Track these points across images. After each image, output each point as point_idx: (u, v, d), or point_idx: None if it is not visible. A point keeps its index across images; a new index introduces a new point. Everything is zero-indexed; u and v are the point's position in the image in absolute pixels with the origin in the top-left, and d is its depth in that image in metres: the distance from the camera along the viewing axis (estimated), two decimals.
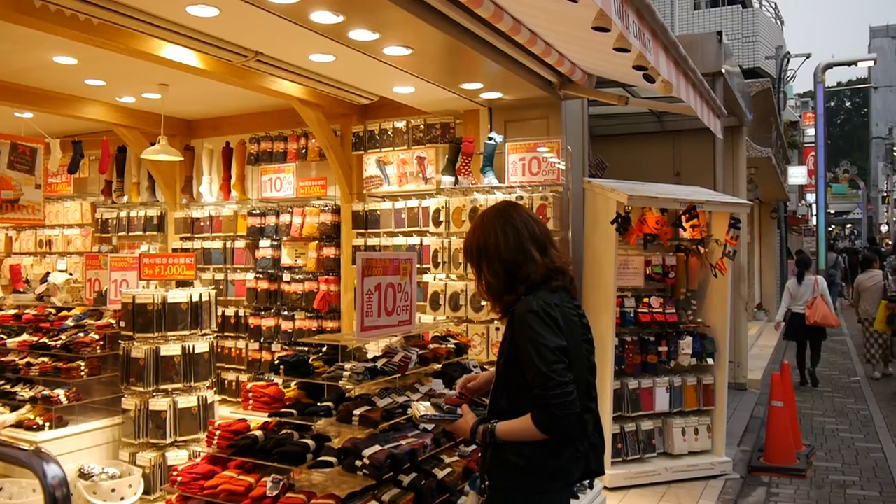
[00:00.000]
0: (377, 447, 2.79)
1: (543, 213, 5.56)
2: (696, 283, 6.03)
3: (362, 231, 6.74)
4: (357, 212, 6.76)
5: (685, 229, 5.73)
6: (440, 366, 3.51)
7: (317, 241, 6.95)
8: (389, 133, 6.60)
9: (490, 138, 5.81)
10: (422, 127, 6.45)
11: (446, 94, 5.73)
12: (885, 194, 55.27)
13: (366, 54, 4.62)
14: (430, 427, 3.12)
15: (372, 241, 6.68)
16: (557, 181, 5.66)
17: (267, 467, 2.96)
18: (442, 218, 5.99)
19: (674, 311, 5.78)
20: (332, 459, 2.82)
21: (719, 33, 6.73)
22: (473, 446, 3.35)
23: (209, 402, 5.19)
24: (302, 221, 7.00)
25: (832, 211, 47.32)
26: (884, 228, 52.10)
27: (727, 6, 16.51)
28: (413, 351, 3.29)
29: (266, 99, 6.36)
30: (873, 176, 62.73)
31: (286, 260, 7.13)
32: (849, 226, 59.45)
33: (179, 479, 3.04)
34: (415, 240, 6.46)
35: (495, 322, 5.67)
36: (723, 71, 6.70)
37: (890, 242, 30.61)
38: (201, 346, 5.17)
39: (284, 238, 7.13)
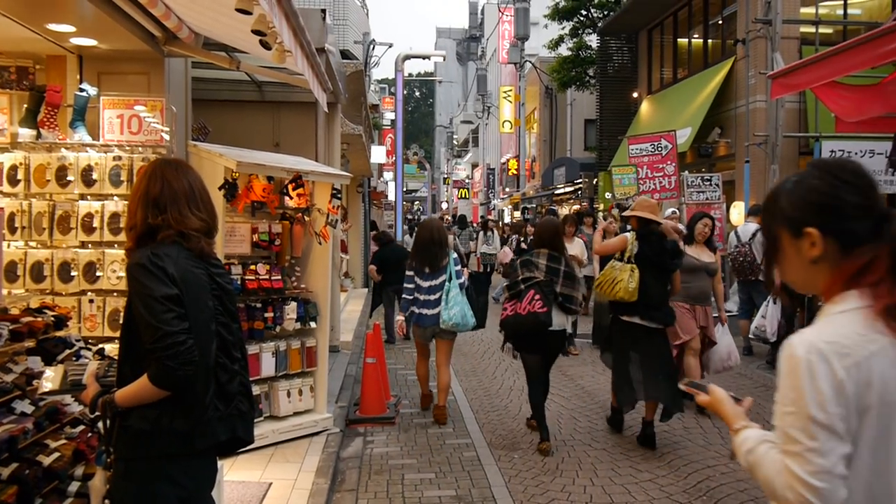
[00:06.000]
0: None
1: None
2: (300, 251, 6.25)
3: None
4: None
5: (291, 198, 5.90)
6: (35, 341, 3.09)
7: None
8: None
9: (82, 90, 5.20)
10: None
11: (26, 34, 4.95)
12: (445, 176, 63.52)
13: None
14: (28, 410, 2.74)
15: None
16: (160, 143, 5.33)
17: None
18: (20, 176, 5.20)
19: (279, 277, 5.92)
20: None
21: (323, 11, 7.01)
22: (81, 427, 3.04)
23: None
24: None
25: (404, 189, 52.86)
26: (444, 206, 59.84)
27: None
28: (3, 326, 2.83)
29: None
30: (436, 159, 71.55)
31: None
32: (416, 203, 66.88)
33: None
34: None
35: (89, 294, 5.16)
36: (326, 48, 6.99)
37: (450, 218, 35.39)
38: None
39: None
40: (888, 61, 6.07)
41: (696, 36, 16.87)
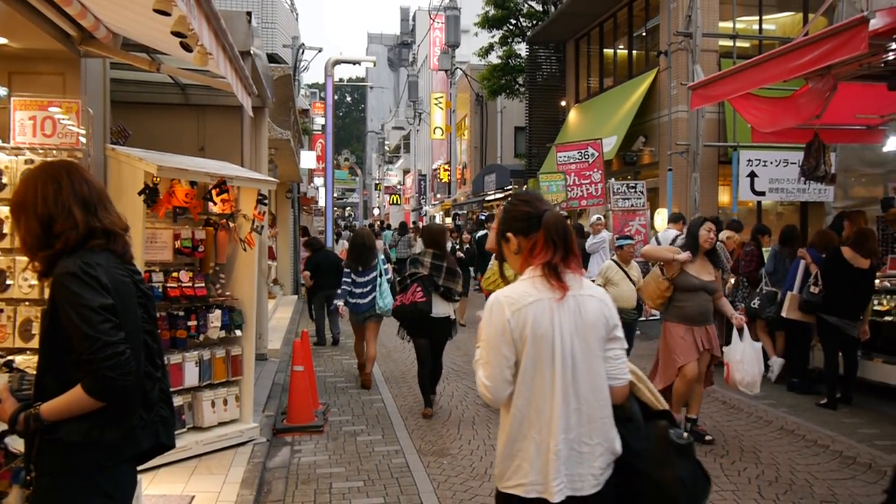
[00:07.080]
0: None
1: None
2: (225, 257, 6.11)
3: None
4: None
5: (215, 203, 5.76)
6: None
7: None
8: None
9: None
10: None
11: None
12: (377, 182, 63.29)
13: None
14: None
15: None
16: (76, 146, 5.13)
17: None
18: None
19: (203, 284, 5.77)
20: None
21: (249, 14, 6.90)
22: None
23: None
24: None
25: (335, 195, 52.33)
26: (376, 212, 59.60)
27: None
28: None
29: None
30: (368, 165, 71.30)
31: None
32: (348, 209, 66.39)
33: None
34: None
35: None
36: (251, 51, 6.87)
37: (383, 222, 35.22)
38: None
39: None
40: (799, 75, 6.34)
41: (621, 47, 17.31)
